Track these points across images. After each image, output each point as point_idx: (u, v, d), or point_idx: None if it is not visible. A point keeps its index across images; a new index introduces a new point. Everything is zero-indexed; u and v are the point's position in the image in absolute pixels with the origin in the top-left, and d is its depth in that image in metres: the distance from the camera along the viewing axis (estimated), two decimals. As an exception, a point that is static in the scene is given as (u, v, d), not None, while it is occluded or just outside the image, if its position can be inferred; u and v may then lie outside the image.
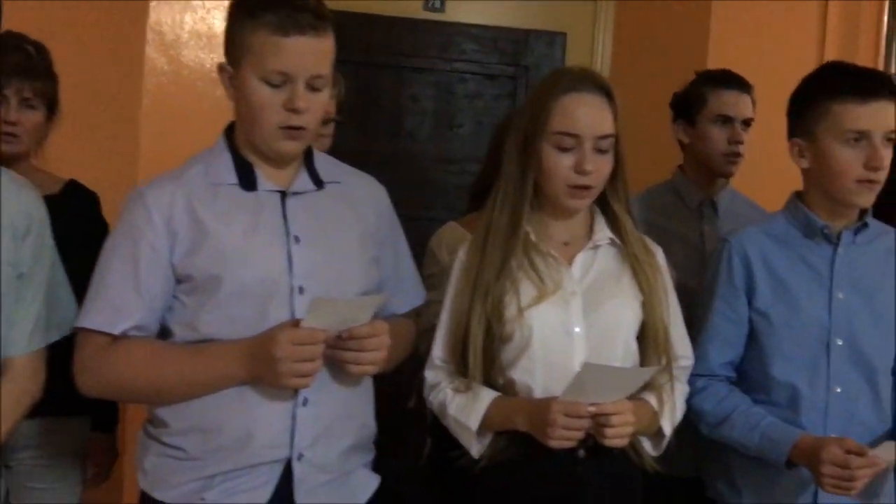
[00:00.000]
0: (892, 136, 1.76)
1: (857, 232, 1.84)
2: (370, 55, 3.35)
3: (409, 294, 1.82)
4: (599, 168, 1.67)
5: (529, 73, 3.49)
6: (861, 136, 1.75)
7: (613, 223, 1.75)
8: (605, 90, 1.69)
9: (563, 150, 1.66)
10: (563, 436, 1.56)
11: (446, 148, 3.49)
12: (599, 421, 1.57)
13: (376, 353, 1.58)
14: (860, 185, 1.76)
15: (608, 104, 1.68)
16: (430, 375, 1.75)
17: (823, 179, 1.81)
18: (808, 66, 3.23)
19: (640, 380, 1.62)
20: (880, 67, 3.36)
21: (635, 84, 3.10)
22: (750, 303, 1.84)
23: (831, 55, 3.32)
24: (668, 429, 1.72)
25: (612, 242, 1.75)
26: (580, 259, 1.72)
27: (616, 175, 1.73)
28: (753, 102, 2.37)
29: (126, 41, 2.76)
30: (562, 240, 1.75)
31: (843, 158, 1.76)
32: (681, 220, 2.35)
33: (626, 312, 1.70)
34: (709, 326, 1.86)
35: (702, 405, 1.84)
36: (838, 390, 1.79)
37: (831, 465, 1.64)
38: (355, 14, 3.24)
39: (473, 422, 1.66)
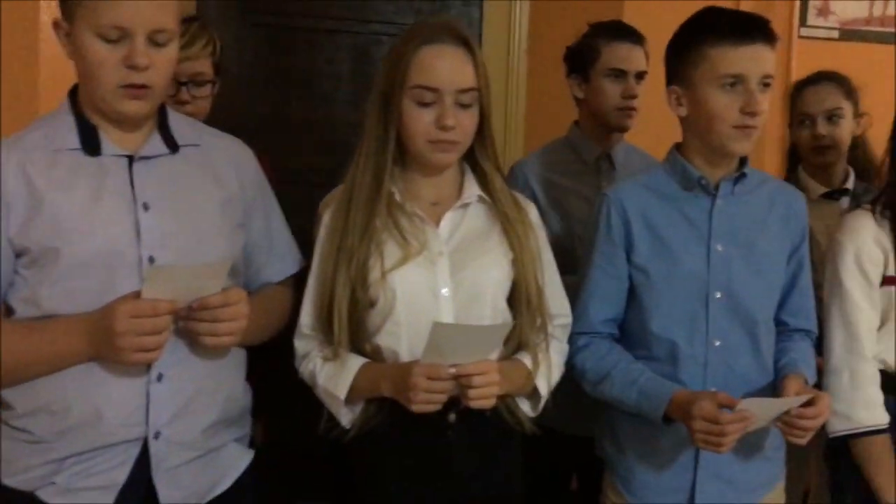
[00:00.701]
0: (769, 80, 1.69)
1: (735, 182, 1.77)
2: (282, 18, 3.23)
3: (284, 261, 1.75)
4: (462, 123, 1.60)
5: (447, 33, 3.39)
6: (737, 81, 1.67)
7: (483, 181, 1.68)
8: (465, 42, 1.61)
9: (424, 104, 1.59)
10: (426, 399, 1.50)
11: (363, 112, 3.38)
12: (462, 382, 1.50)
13: (233, 324, 1.49)
14: (737, 130, 1.69)
15: (469, 56, 1.61)
16: (299, 345, 1.68)
17: (700, 127, 1.74)
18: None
19: (496, 337, 1.55)
20: (795, 25, 3.34)
21: (554, 43, 3.04)
22: (629, 258, 1.77)
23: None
24: (543, 388, 1.66)
25: (482, 200, 1.68)
26: (448, 218, 1.65)
27: (482, 131, 1.66)
28: (647, 55, 2.29)
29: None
30: (430, 199, 1.67)
31: (719, 103, 1.68)
32: (578, 176, 2.28)
33: (494, 271, 1.63)
34: (588, 283, 1.80)
35: (583, 363, 1.78)
36: (717, 344, 1.73)
37: (701, 419, 1.58)
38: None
39: (341, 390, 1.59)
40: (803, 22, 3.42)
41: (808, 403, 1.63)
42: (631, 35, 2.27)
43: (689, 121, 1.76)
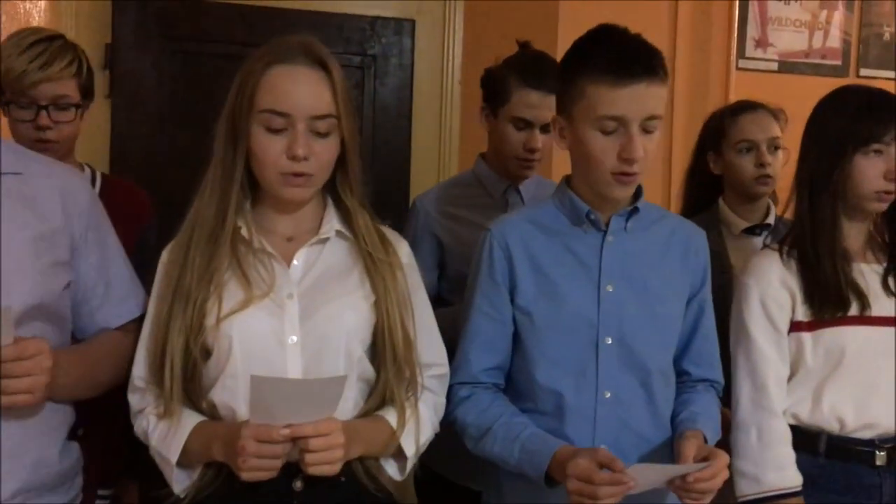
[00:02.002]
0: (654, 122, 1.49)
1: (628, 217, 1.58)
2: (201, 44, 3.05)
3: (123, 305, 1.53)
4: (317, 153, 1.40)
5: (377, 62, 3.21)
6: (616, 123, 1.47)
7: (346, 216, 1.48)
8: (321, 63, 1.41)
9: (274, 131, 1.39)
10: (256, 465, 1.28)
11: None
12: (301, 445, 1.29)
13: (28, 380, 1.28)
14: (615, 177, 1.49)
15: (326, 79, 1.41)
16: (132, 399, 1.46)
17: (581, 166, 1.55)
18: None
19: (331, 392, 1.31)
20: (733, 57, 3.20)
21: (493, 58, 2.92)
22: (513, 300, 1.57)
23: (683, 46, 3.16)
24: (410, 449, 1.45)
25: (342, 236, 1.48)
26: (302, 255, 1.45)
27: (344, 163, 1.46)
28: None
29: None
30: (285, 235, 1.47)
31: (596, 147, 1.48)
32: (484, 211, 2.07)
33: (349, 316, 1.42)
34: (469, 328, 1.59)
35: (464, 417, 1.57)
36: (608, 395, 1.53)
37: (575, 479, 1.37)
38: (185, 0, 2.94)
39: (173, 453, 1.37)
40: (742, 54, 3.28)
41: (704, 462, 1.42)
42: (545, 83, 1.96)
43: (572, 155, 1.57)
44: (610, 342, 1.53)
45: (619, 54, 1.47)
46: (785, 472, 1.63)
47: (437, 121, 3.23)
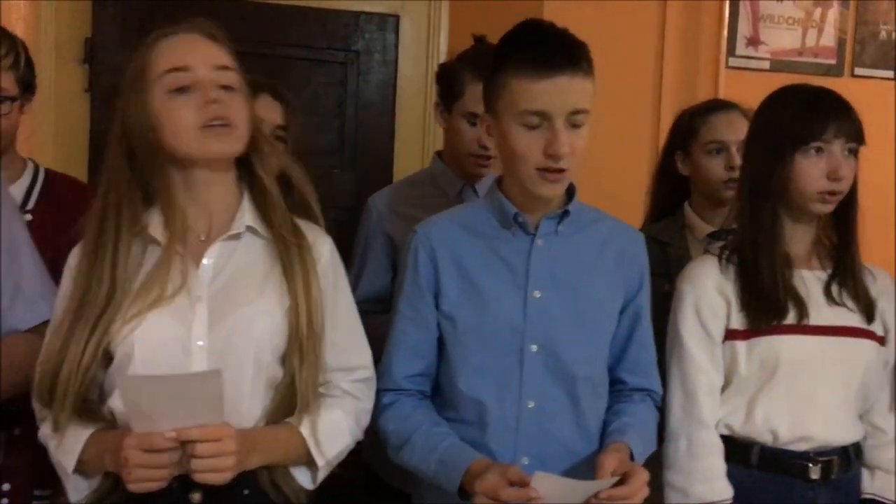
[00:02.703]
0: (580, 116, 1.42)
1: (560, 220, 1.51)
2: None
3: (34, 307, 1.49)
4: (231, 105, 1.34)
5: (361, 58, 3.16)
6: (540, 118, 1.41)
7: (262, 207, 1.42)
8: (209, 34, 1.38)
9: (180, 90, 1.33)
10: (143, 476, 1.22)
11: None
12: (187, 451, 1.24)
13: None
14: (540, 174, 1.42)
15: (217, 43, 1.38)
16: (35, 406, 1.40)
17: (508, 164, 1.48)
18: (647, 54, 3.05)
19: (208, 389, 1.23)
20: (723, 55, 3.10)
21: None
22: (437, 304, 1.51)
23: (671, 44, 3.07)
24: (320, 458, 1.38)
25: (255, 232, 1.42)
26: (213, 254, 1.39)
27: (258, 143, 1.41)
28: None
29: None
30: (200, 232, 1.41)
31: (521, 142, 1.42)
32: (438, 211, 2.00)
33: (260, 321, 1.36)
34: (393, 333, 1.53)
35: (386, 425, 1.51)
36: (531, 405, 1.46)
37: (483, 495, 1.31)
38: (168, -5, 2.91)
39: (69, 462, 1.32)
40: (732, 52, 3.18)
41: (622, 481, 1.35)
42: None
43: (500, 153, 1.50)
44: (535, 350, 1.47)
45: (539, 47, 1.41)
46: (713, 485, 1.56)
47: (420, 118, 3.16)
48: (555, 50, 1.40)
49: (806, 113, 1.57)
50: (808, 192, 1.58)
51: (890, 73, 3.23)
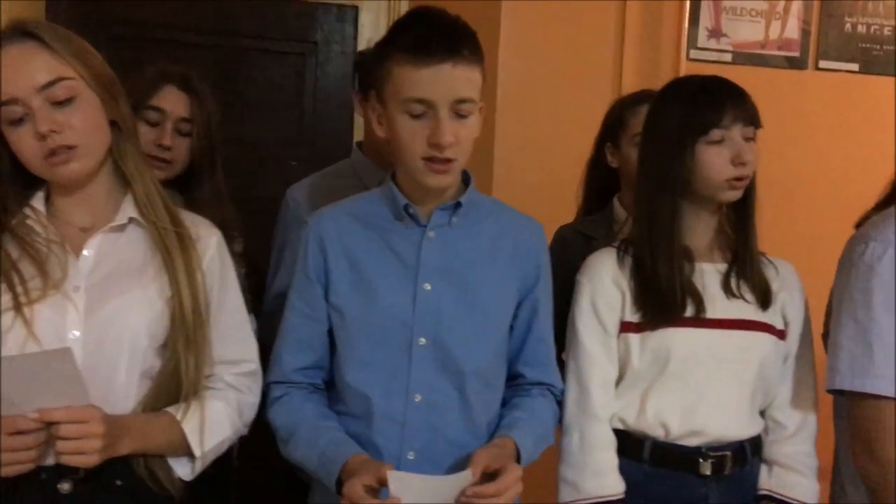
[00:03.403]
0: (466, 105, 1.38)
1: (453, 211, 1.47)
2: (140, 29, 2.98)
3: None
4: (65, 123, 1.30)
5: (319, 49, 3.13)
6: (424, 107, 1.37)
7: (142, 200, 1.39)
8: (31, 35, 1.30)
9: (16, 122, 1.30)
10: (11, 460, 1.21)
11: (232, 131, 3.09)
12: (52, 432, 1.21)
13: None
14: (426, 164, 1.39)
15: (41, 47, 1.29)
16: None
17: (396, 154, 1.44)
18: (607, 47, 3.01)
19: (62, 367, 1.21)
20: (684, 47, 3.05)
21: None
22: (327, 297, 1.47)
23: (632, 37, 3.02)
24: (197, 449, 1.36)
25: (139, 224, 1.39)
26: (94, 245, 1.37)
27: (119, 140, 1.37)
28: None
29: None
30: (83, 224, 1.39)
31: (406, 132, 1.39)
32: (362, 202, 1.97)
33: (137, 312, 1.34)
34: (283, 325, 1.50)
35: (275, 418, 1.48)
36: (418, 399, 1.43)
37: (349, 500, 1.28)
38: (124, -14, 2.89)
39: None
40: (693, 44, 3.12)
41: (494, 477, 1.31)
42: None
43: (389, 144, 1.47)
44: (424, 343, 1.43)
45: (422, 33, 1.37)
46: (604, 479, 1.53)
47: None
48: (435, 37, 1.36)
49: (702, 102, 1.54)
50: (715, 181, 1.54)
51: (855, 66, 3.16)
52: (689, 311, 1.54)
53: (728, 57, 3.14)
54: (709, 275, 1.58)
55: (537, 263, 1.52)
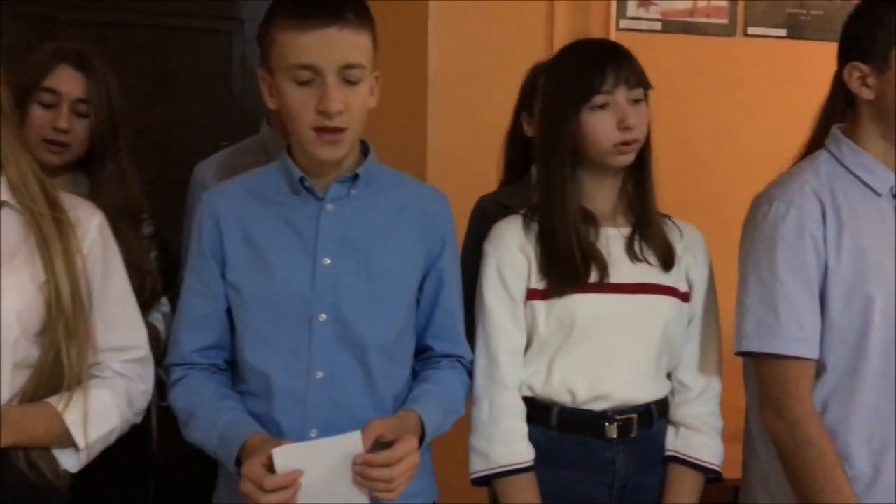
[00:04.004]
0: (355, 71, 1.34)
1: (352, 184, 1.43)
2: (52, 9, 2.88)
3: None
4: None
5: (246, 27, 3.05)
6: (311, 73, 1.33)
7: (15, 182, 1.32)
8: None
9: None
10: None
11: (161, 112, 3.02)
12: None
13: None
14: (316, 134, 1.35)
15: None
16: None
17: (288, 125, 1.40)
18: (536, 16, 2.97)
19: None
20: (613, 16, 3.02)
21: None
22: (224, 275, 1.43)
23: (561, 6, 2.98)
24: (80, 439, 1.30)
25: (12, 206, 1.32)
26: None
27: None
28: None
29: None
30: None
31: (294, 100, 1.34)
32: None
33: (7, 296, 1.26)
34: (180, 306, 1.46)
35: (175, 401, 1.44)
36: (320, 375, 1.39)
37: (247, 480, 1.24)
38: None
39: None
40: (623, 13, 3.09)
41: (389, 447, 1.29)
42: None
43: (280, 114, 1.42)
44: (324, 318, 1.39)
45: None
46: (513, 447, 1.51)
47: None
48: (322, 2, 1.31)
49: (584, 68, 1.52)
50: (602, 147, 1.52)
51: (783, 32, 3.16)
52: (593, 277, 1.52)
53: (658, 25, 3.11)
54: (613, 239, 1.56)
55: (442, 235, 1.49)
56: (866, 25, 1.47)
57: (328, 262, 1.40)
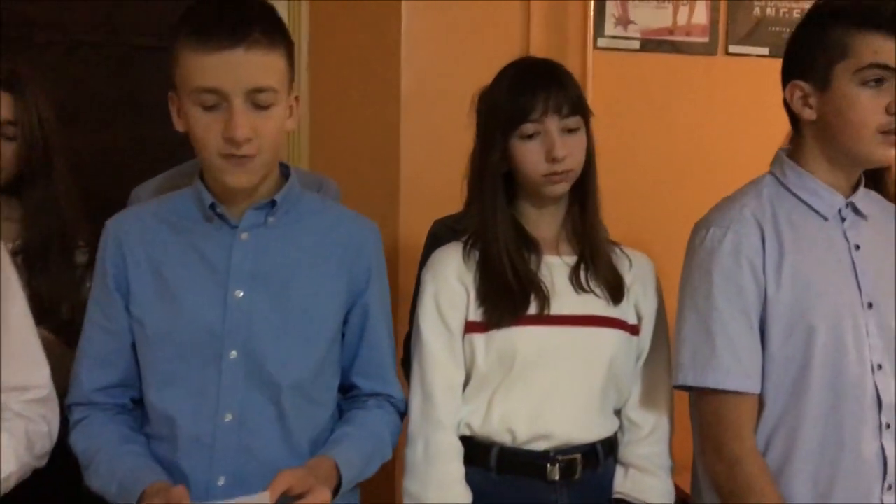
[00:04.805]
0: (265, 95, 1.23)
1: (269, 211, 1.32)
2: (30, 30, 2.78)
3: None
4: None
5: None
6: (216, 97, 1.22)
7: None
8: None
9: None
10: None
11: (128, 131, 2.91)
12: None
13: None
14: (224, 160, 1.24)
15: None
16: None
17: (196, 150, 1.28)
18: (512, 35, 2.86)
19: None
20: (590, 36, 2.90)
21: (336, 53, 2.73)
22: (127, 307, 1.31)
23: (537, 24, 2.88)
24: None
25: None
26: None
27: None
28: None
29: None
30: None
31: (199, 125, 1.23)
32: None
33: None
34: (82, 342, 1.34)
35: (76, 444, 1.32)
36: (229, 418, 1.27)
37: None
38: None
39: None
40: (601, 32, 2.97)
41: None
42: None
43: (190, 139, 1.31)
44: (235, 356, 1.27)
45: (207, 16, 1.21)
46: (449, 492, 1.38)
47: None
48: (222, 20, 1.20)
49: (513, 94, 1.41)
50: (531, 177, 1.42)
51: (764, 51, 3.04)
52: (534, 308, 1.40)
53: (636, 45, 2.99)
54: (556, 268, 1.45)
55: (367, 266, 1.37)
56: (806, 43, 1.38)
57: (240, 294, 1.28)
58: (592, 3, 2.91)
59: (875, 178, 2.20)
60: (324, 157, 2.76)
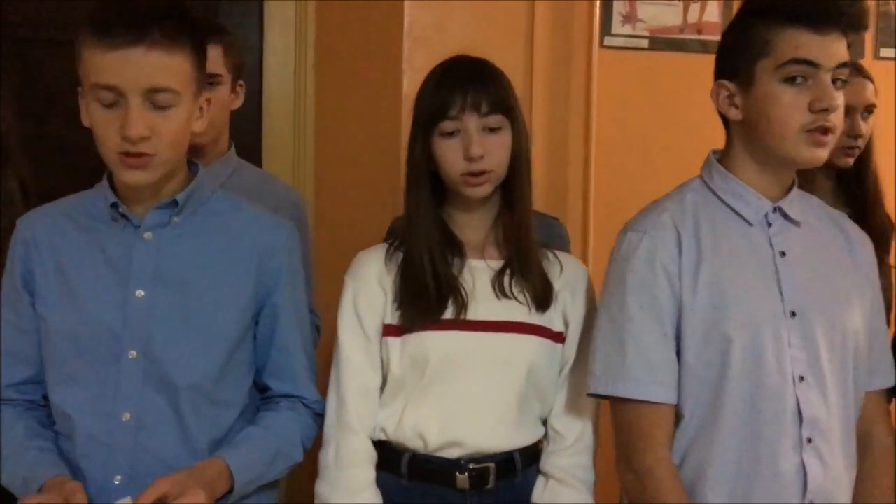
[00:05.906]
0: (161, 96, 1.20)
1: (174, 211, 1.29)
2: (36, 31, 2.84)
3: None
4: None
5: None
6: (115, 95, 1.19)
7: None
8: None
9: None
10: None
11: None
12: None
13: None
14: (120, 158, 1.21)
15: None
16: None
17: (97, 145, 1.27)
18: (516, 34, 2.80)
19: None
20: (596, 33, 2.81)
21: (342, 54, 2.70)
22: (35, 306, 1.30)
23: (542, 22, 2.80)
24: None
25: None
26: None
27: None
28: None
29: None
30: None
31: (98, 122, 1.21)
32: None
33: None
34: None
35: None
36: (127, 418, 1.25)
37: None
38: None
39: None
40: (607, 30, 2.87)
41: None
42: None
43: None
44: (134, 356, 1.25)
45: (109, 12, 1.19)
46: (357, 496, 1.34)
47: (291, 108, 2.95)
48: (127, 19, 1.18)
49: (435, 90, 1.36)
50: (450, 177, 1.36)
51: (779, 48, 2.90)
52: (450, 313, 1.34)
53: (645, 43, 2.89)
54: (479, 272, 1.39)
55: (278, 266, 1.33)
56: (732, 41, 1.31)
57: (141, 294, 1.26)
58: (598, 1, 2.82)
59: (858, 177, 2.08)
60: (328, 154, 2.73)
